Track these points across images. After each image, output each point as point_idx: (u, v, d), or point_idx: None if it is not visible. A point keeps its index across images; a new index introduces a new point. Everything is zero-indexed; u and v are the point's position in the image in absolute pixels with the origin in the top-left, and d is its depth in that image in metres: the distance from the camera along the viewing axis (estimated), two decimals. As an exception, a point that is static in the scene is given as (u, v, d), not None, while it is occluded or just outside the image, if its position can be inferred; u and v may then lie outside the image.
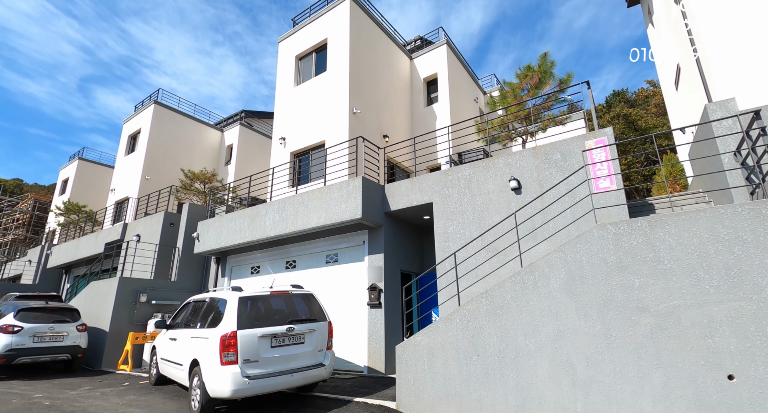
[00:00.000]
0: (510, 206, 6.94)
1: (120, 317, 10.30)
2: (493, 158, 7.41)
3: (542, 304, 4.77)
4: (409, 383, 5.58)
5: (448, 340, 5.38)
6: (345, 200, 8.35)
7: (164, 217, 13.08)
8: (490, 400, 4.85)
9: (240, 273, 11.49)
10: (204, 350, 5.51)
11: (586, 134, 6.54)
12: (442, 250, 7.51)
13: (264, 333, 5.48)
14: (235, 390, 5.02)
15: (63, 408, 6.01)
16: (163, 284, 11.42)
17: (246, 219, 10.28)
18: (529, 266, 5.00)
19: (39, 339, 8.68)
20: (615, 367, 4.16)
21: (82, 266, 17.81)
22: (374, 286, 8.24)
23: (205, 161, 21.12)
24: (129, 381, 8.17)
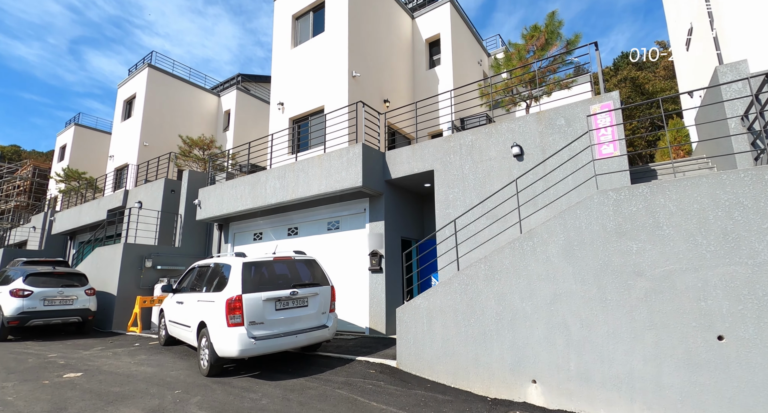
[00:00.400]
0: (512, 172, 6.90)
1: (127, 281, 10.54)
2: (495, 124, 7.28)
3: (540, 269, 4.86)
4: (409, 343, 5.80)
5: (447, 303, 5.53)
6: (345, 167, 8.30)
7: (165, 184, 13.07)
8: (486, 359, 5.06)
9: (243, 240, 11.64)
10: (211, 313, 5.69)
11: (591, 99, 6.39)
12: (443, 217, 7.56)
13: (268, 296, 5.63)
14: (242, 350, 5.23)
15: (77, 367, 6.29)
16: (168, 250, 11.61)
17: (247, 186, 10.27)
18: (528, 232, 5.05)
19: (49, 303, 8.94)
20: (608, 329, 4.31)
21: (86, 232, 18.01)
22: (375, 252, 8.36)
23: (203, 128, 20.80)
24: (139, 342, 8.50)
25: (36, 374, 5.85)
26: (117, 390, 5.00)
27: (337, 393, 4.90)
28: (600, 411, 4.21)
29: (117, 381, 5.45)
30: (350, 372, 5.73)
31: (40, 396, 4.81)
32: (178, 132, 19.38)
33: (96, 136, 26.19)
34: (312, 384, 5.26)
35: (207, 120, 21.51)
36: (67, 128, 26.07)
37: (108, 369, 6.10)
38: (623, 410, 4.09)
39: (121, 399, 4.68)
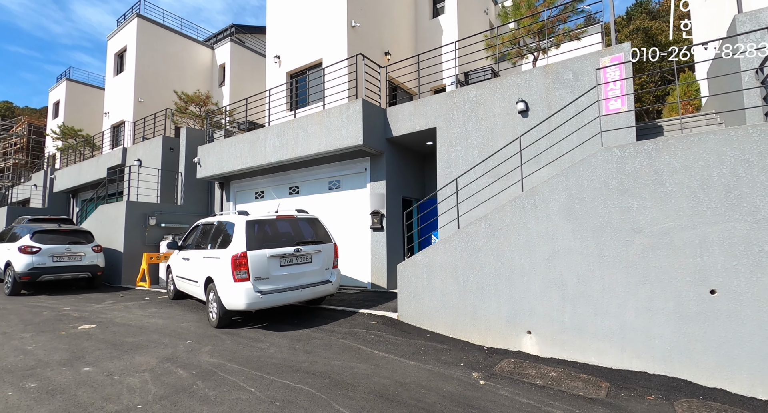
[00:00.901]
0: (516, 130, 6.77)
1: (132, 239, 10.72)
2: (501, 78, 7.03)
3: (540, 226, 4.91)
4: (410, 296, 6.00)
5: (447, 259, 5.65)
6: (345, 125, 8.13)
7: (163, 142, 12.90)
8: (484, 311, 5.26)
9: (244, 198, 11.68)
10: (217, 268, 5.84)
11: (601, 51, 6.11)
12: (444, 177, 7.52)
13: (273, 253, 5.75)
14: (249, 303, 5.43)
15: (91, 319, 6.57)
16: (170, 208, 11.69)
17: (246, 144, 10.13)
18: (530, 190, 5.04)
19: (58, 259, 9.16)
20: (604, 283, 4.42)
21: (87, 190, 18.06)
22: (377, 211, 8.41)
23: (198, 83, 20.14)
24: (149, 296, 8.80)
25: (52, 326, 6.11)
26: (131, 341, 5.26)
27: (341, 342, 5.15)
28: (591, 358, 4.44)
29: (130, 332, 5.71)
30: (353, 324, 5.98)
31: (58, 345, 5.06)
32: (173, 87, 18.81)
33: (89, 92, 25.44)
34: (317, 334, 5.51)
35: (202, 75, 20.79)
36: (58, 84, 25.28)
37: (121, 321, 6.37)
38: (613, 358, 4.31)
39: (136, 348, 4.93)
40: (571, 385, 3.95)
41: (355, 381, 3.89)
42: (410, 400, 3.51)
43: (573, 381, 4.06)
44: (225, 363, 4.37)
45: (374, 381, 3.90)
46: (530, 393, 3.75)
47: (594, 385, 3.96)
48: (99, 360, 4.49)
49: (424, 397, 3.57)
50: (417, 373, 4.15)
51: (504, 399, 3.58)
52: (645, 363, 4.15)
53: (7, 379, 3.91)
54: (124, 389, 3.67)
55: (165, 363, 4.37)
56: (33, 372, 4.09)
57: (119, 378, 3.95)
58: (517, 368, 4.41)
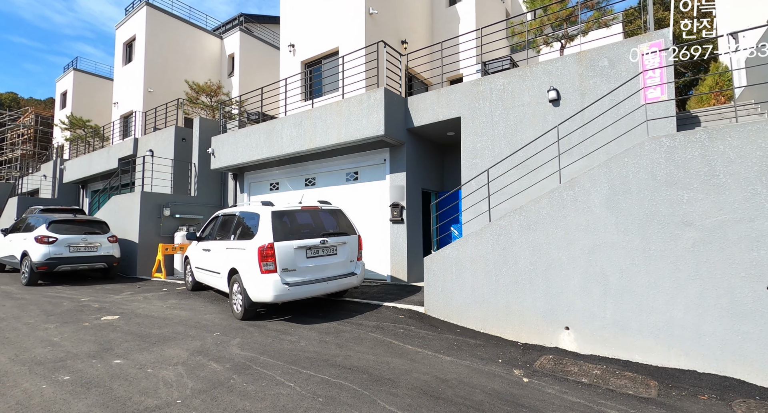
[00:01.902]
0: (546, 119, 6.56)
1: (147, 229, 10.63)
2: (530, 66, 6.80)
3: (579, 219, 4.74)
4: (437, 291, 5.86)
5: (478, 253, 5.49)
6: (366, 114, 7.93)
7: (175, 132, 12.75)
8: (518, 307, 5.11)
9: (258, 189, 11.54)
10: (242, 260, 5.71)
11: (639, 36, 5.87)
12: (469, 168, 7.33)
13: (300, 244, 5.62)
14: (276, 295, 5.31)
15: (112, 310, 6.48)
16: (184, 199, 11.58)
17: (262, 135, 9.96)
18: (569, 181, 4.86)
19: (74, 249, 9.08)
20: (650, 279, 4.26)
21: (97, 181, 18.00)
22: (396, 204, 8.25)
23: (207, 73, 19.92)
24: (167, 287, 8.72)
25: (74, 316, 6.03)
26: (157, 332, 5.16)
27: (371, 336, 5.03)
28: (635, 356, 4.29)
29: (154, 323, 5.61)
30: (380, 317, 5.86)
31: (84, 337, 4.96)
32: (182, 78, 18.63)
33: (97, 82, 25.28)
34: (345, 327, 5.39)
35: (210, 65, 20.56)
36: (65, 74, 25.13)
37: (143, 313, 6.28)
38: (659, 356, 4.16)
39: (163, 340, 4.82)
40: (619, 384, 3.81)
41: (395, 377, 3.77)
42: (456, 398, 3.38)
43: (619, 379, 3.92)
44: (258, 357, 4.25)
45: (414, 377, 3.78)
46: (578, 391, 3.61)
47: (642, 384, 3.81)
48: (128, 352, 4.38)
49: (470, 395, 3.44)
50: (456, 369, 4.02)
51: (553, 398, 3.45)
52: (694, 361, 3.99)
53: (39, 372, 3.81)
54: (160, 383, 3.56)
55: (196, 356, 4.26)
56: (63, 365, 3.99)
57: (152, 371, 3.84)
58: (558, 365, 4.28)
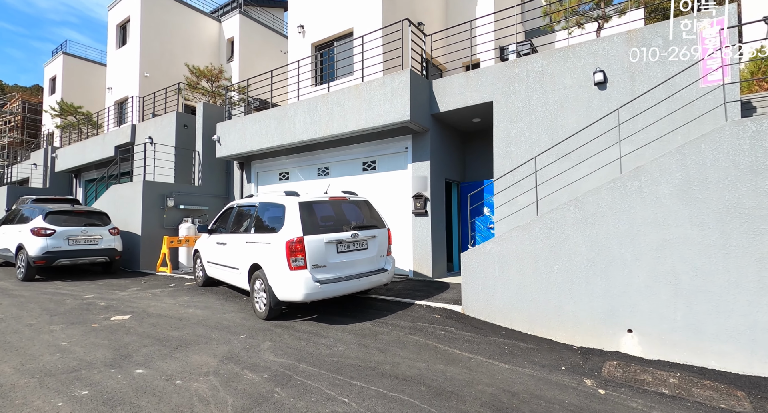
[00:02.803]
0: (590, 104, 6.10)
1: (150, 221, 10.06)
2: (573, 46, 6.31)
3: (646, 212, 4.32)
4: (477, 289, 5.44)
5: (525, 249, 5.07)
6: (389, 98, 7.40)
7: (176, 118, 12.09)
8: (572, 307, 4.71)
9: (267, 179, 10.99)
10: (267, 255, 5.23)
11: (700, 14, 5.41)
12: (503, 156, 6.87)
13: (330, 238, 5.15)
14: (307, 294, 4.85)
15: (121, 309, 5.98)
16: (189, 189, 10.99)
17: (272, 121, 9.38)
18: (634, 170, 4.43)
19: (74, 242, 8.51)
20: (729, 278, 3.86)
21: (92, 169, 17.26)
22: (420, 195, 7.78)
23: (205, 58, 19.11)
24: (175, 283, 8.21)
25: (81, 316, 5.52)
26: (176, 335, 4.68)
27: (412, 339, 4.60)
28: (711, 362, 3.91)
29: (171, 324, 5.12)
30: (414, 317, 5.43)
31: (96, 341, 4.47)
32: (179, 62, 17.87)
33: (87, 67, 24.28)
34: (380, 328, 4.95)
35: (209, 50, 19.75)
36: (54, 58, 24.07)
37: (155, 312, 5.79)
38: (740, 362, 3.78)
39: (185, 344, 4.35)
40: (704, 395, 3.43)
41: (457, 390, 3.34)
42: (536, 415, 2.97)
43: (701, 389, 3.54)
44: (296, 364, 3.80)
45: (478, 390, 3.36)
46: (664, 405, 3.22)
47: (729, 395, 3.44)
48: (149, 359, 3.91)
49: (550, 412, 3.03)
50: (521, 380, 3.61)
51: (644, 414, 3.05)
52: (783, 369, 3.63)
53: (52, 385, 3.32)
54: (194, 398, 3.10)
55: (227, 364, 3.80)
56: (78, 376, 3.51)
57: (182, 383, 3.37)
58: (628, 372, 3.89)
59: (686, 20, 5.47)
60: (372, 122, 7.62)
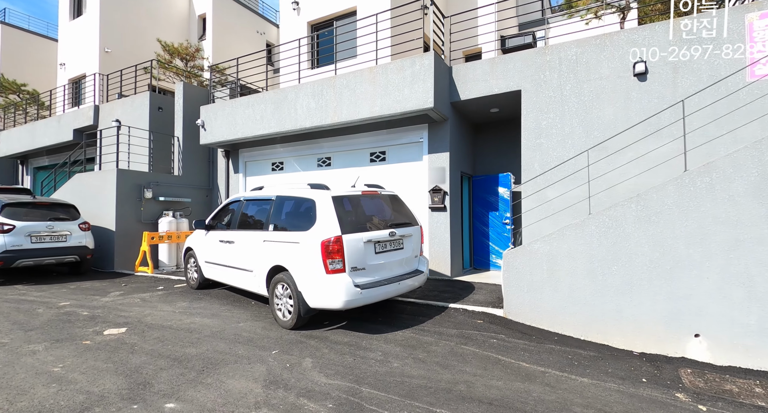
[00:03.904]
0: (629, 96, 5.84)
1: (125, 215, 8.93)
2: (611, 34, 6.02)
3: (717, 210, 4.08)
4: (521, 291, 5.07)
5: (578, 248, 4.73)
6: (409, 83, 6.84)
7: (150, 100, 10.84)
8: (632, 311, 4.43)
9: (257, 169, 10.10)
10: (294, 256, 4.57)
11: (747, 5, 5.24)
12: (532, 149, 6.52)
13: (369, 238, 4.56)
14: (347, 300, 4.26)
15: (109, 319, 5.11)
16: (168, 180, 9.89)
17: (268, 105, 8.53)
18: (705, 166, 4.17)
19: (38, 240, 7.33)
20: (811, 280, 3.70)
21: (42, 155, 15.41)
22: (438, 188, 7.31)
23: (174, 34, 17.47)
24: (163, 285, 7.28)
25: (64, 331, 4.62)
26: (194, 353, 3.95)
27: (467, 350, 4.15)
28: (789, 368, 3.75)
29: (181, 338, 4.37)
30: (455, 323, 4.98)
31: (97, 364, 3.67)
32: (146, 38, 16.24)
33: (31, 40, 21.57)
34: (425, 338, 4.47)
35: (178, 26, 18.10)
36: (-10, 28, 21.20)
37: (154, 322, 4.97)
38: (822, 368, 3.64)
39: (211, 365, 3.65)
40: (803, 406, 3.23)
41: (556, 414, 2.93)
42: (662, 444, 2.60)
43: (794, 399, 3.34)
44: (356, 387, 3.24)
45: None
46: (776, 421, 2.97)
47: (825, 405, 3.26)
48: (175, 387, 3.20)
49: (673, 437, 2.68)
50: (612, 398, 3.26)
51: (768, 435, 2.77)
52: None
53: (61, 434, 2.57)
54: (259, 446, 2.48)
55: (275, 390, 3.17)
56: (92, 417, 2.76)
57: (232, 422, 2.73)
58: (709, 382, 3.64)
59: (735, 10, 5.29)
60: (388, 109, 7.03)
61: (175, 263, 9.27)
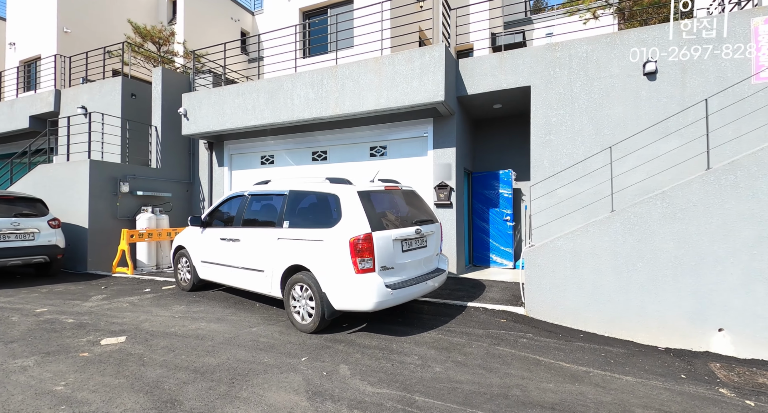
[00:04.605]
0: (639, 95, 5.93)
1: (99, 210, 8.15)
2: (621, 33, 6.08)
3: (741, 207, 4.18)
4: (544, 289, 5.02)
5: (603, 245, 4.73)
6: (418, 75, 6.63)
7: (122, 85, 9.98)
8: (656, 307, 4.48)
9: (244, 163, 9.55)
10: (318, 255, 4.26)
11: (753, 10, 5.44)
12: (542, 145, 6.50)
13: (398, 235, 4.33)
14: (379, 301, 4.01)
15: (103, 327, 4.58)
16: (146, 172, 9.14)
17: (262, 94, 8.04)
18: (729, 164, 4.26)
19: (2, 238, 6.51)
20: (831, 275, 3.86)
21: (-11, 145, 13.91)
22: (444, 184, 7.17)
23: (141, 16, 16.24)
24: (149, 287, 6.68)
25: (52, 341, 4.07)
26: (214, 363, 3.58)
27: (503, 351, 4.03)
28: (811, 360, 3.90)
29: (194, 347, 3.96)
30: (480, 323, 4.86)
31: (105, 379, 3.22)
32: (110, 18, 15.01)
33: (-28, 16, 19.46)
34: (456, 339, 4.31)
35: (146, 6, 16.89)
36: (-76, 0, 18.90)
37: (155, 329, 4.50)
38: (841, 359, 3.81)
39: (240, 376, 3.31)
40: (835, 397, 3.34)
41: (620, 416, 2.85)
42: (736, 443, 2.58)
43: (824, 390, 3.47)
44: (408, 396, 3.03)
45: (640, 413, 2.90)
46: (822, 413, 3.04)
47: None
48: (210, 404, 2.84)
49: (742, 436, 2.67)
50: (662, 396, 3.23)
51: (823, 429, 2.82)
52: None
53: (94, 470, 2.18)
54: (332, 470, 2.20)
55: (323, 402, 2.89)
56: (124, 446, 2.38)
57: (291, 443, 2.43)
58: (742, 376, 3.72)
59: (740, 14, 5.47)
60: (395, 102, 6.79)
61: (155, 262, 8.60)
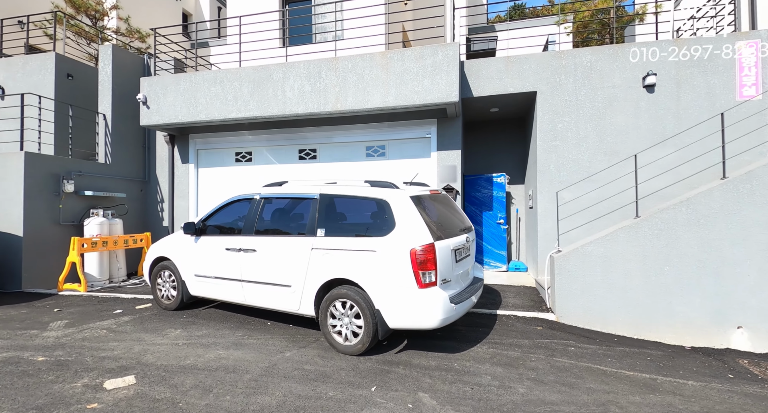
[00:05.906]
0: (638, 105, 6.27)
1: (37, 214, 6.67)
2: (623, 45, 6.38)
3: (757, 214, 4.56)
4: (574, 295, 5.06)
5: (632, 250, 4.89)
6: (430, 74, 6.37)
7: (56, 62, 8.34)
8: (682, 308, 4.73)
9: (215, 160, 8.50)
10: (369, 267, 3.79)
11: (737, 34, 6.01)
12: (548, 150, 6.60)
13: (453, 245, 4.02)
14: (444, 318, 3.66)
15: (91, 365, 3.66)
16: (94, 169, 7.70)
17: (246, 83, 7.19)
18: (746, 174, 4.62)
19: None
20: (832, 275, 4.34)
21: None
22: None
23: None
24: (119, 307, 5.57)
25: (38, 390, 3.12)
26: (274, 403, 2.98)
27: (564, 363, 3.94)
28: (817, 351, 4.36)
29: (230, 384, 3.28)
30: (520, 332, 4.73)
31: (144, 442, 2.49)
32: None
33: None
34: (509, 352, 4.12)
35: (69, -24, 14.41)
36: None
37: (165, 363, 3.69)
38: (842, 349, 4.30)
39: (316, 420, 2.77)
40: None
41: (722, 425, 2.87)
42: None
43: (842, 379, 3.87)
44: (519, 427, 2.76)
45: (735, 420, 2.95)
46: None
47: None
48: (310, 465, 2.30)
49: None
50: (736, 400, 3.36)
51: None
52: None
53: None
54: None
55: (439, 447, 2.50)
56: None
57: None
58: (771, 370, 4.04)
59: (726, 39, 6.02)
60: (405, 100, 6.45)
61: (107, 276, 7.29)
